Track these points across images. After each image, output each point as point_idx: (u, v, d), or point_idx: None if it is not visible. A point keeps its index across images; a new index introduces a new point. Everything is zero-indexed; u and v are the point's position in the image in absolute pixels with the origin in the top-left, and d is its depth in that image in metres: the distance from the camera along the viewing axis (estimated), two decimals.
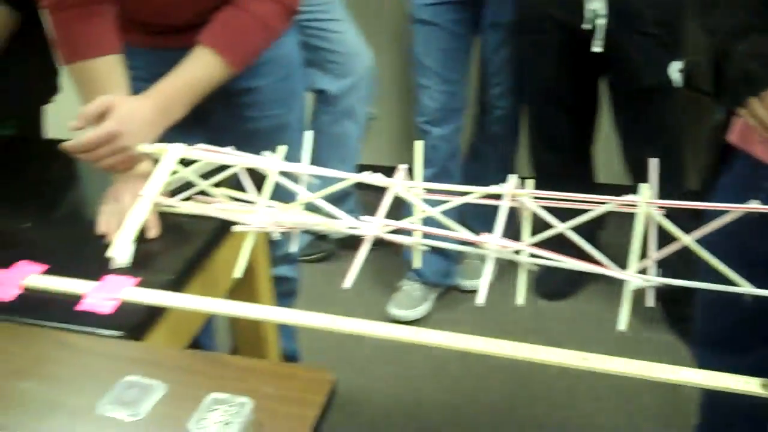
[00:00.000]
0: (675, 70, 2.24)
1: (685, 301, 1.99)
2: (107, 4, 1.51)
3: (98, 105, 1.37)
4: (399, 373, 2.47)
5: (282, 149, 1.35)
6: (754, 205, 1.10)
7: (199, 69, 1.49)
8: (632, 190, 2.34)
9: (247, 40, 1.54)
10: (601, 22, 2.21)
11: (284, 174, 1.32)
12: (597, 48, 2.24)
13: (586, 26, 2.23)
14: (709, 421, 1.82)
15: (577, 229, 1.16)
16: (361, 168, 2.83)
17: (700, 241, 1.13)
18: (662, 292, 1.15)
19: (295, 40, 1.83)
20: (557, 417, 2.29)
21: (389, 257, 2.80)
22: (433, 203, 1.24)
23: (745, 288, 1.12)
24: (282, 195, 1.33)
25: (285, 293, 2.04)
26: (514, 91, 2.61)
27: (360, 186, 1.34)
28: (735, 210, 1.11)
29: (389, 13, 3.06)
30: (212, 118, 1.72)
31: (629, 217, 1.16)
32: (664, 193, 2.46)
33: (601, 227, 2.66)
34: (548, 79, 2.45)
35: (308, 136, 1.36)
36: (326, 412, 1.03)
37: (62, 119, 2.07)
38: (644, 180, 2.46)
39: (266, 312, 1.22)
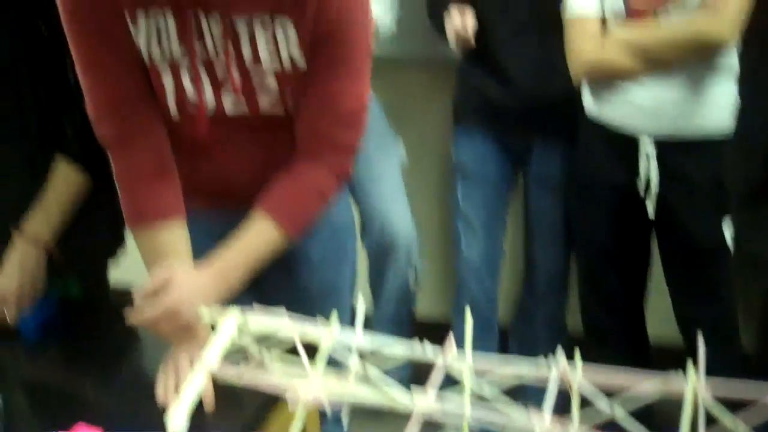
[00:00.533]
0: (728, 232, 2.25)
1: None
2: (173, 173, 1.58)
3: (158, 281, 1.43)
4: None
5: (335, 316, 1.37)
6: None
7: (258, 238, 1.53)
8: (684, 353, 2.32)
9: (303, 209, 1.58)
10: (655, 185, 2.25)
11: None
12: (650, 209, 2.27)
13: (640, 189, 2.27)
14: None
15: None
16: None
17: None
18: None
19: (348, 204, 1.88)
20: None
21: None
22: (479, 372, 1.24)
23: None
24: (334, 363, 1.35)
25: None
26: (563, 247, 2.64)
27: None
28: None
29: (434, 162, 3.12)
30: (263, 278, 1.74)
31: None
32: (717, 357, 2.43)
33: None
34: (601, 238, 2.47)
35: (361, 305, 1.39)
36: None
37: (127, 268, 2.14)
38: (695, 342, 2.40)
39: None
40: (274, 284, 1.79)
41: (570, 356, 0.96)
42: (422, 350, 1.28)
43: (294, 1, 1.43)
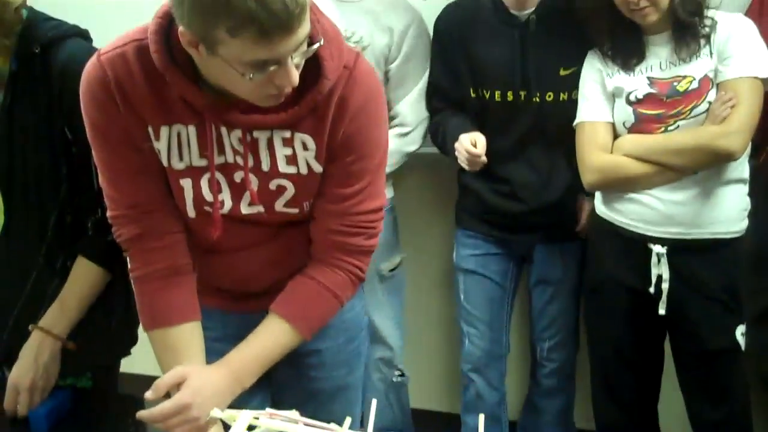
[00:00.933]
0: (740, 334, 2.25)
1: None
2: (189, 275, 1.60)
3: (172, 377, 1.43)
4: None
5: (348, 421, 1.37)
6: None
7: (272, 339, 1.55)
8: None
9: (317, 311, 1.60)
10: (666, 286, 2.25)
11: None
12: (662, 311, 2.27)
13: (652, 290, 2.27)
14: None
15: None
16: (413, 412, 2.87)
17: None
18: None
19: (361, 303, 1.88)
20: None
21: None
22: None
23: None
24: None
25: None
26: (568, 344, 2.66)
27: None
28: None
29: (438, 262, 3.13)
30: (275, 376, 1.76)
31: None
32: None
33: None
34: (615, 338, 2.46)
35: (374, 405, 1.39)
36: None
37: (138, 365, 2.14)
38: None
39: None
40: (287, 383, 1.80)
41: None
42: None
43: (314, 117, 1.46)
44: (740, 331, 2.25)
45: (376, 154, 1.55)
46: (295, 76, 1.32)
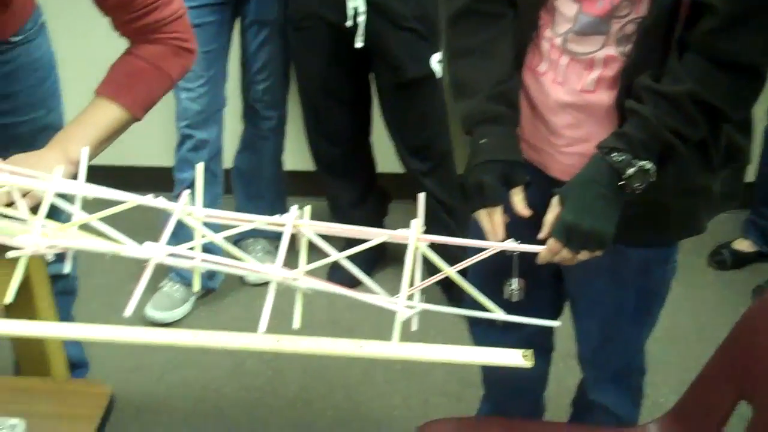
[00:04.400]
0: (435, 62, 2.35)
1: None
2: None
3: None
4: (198, 376, 2.46)
5: (59, 170, 1.32)
6: (509, 244, 1.27)
7: (97, 115, 1.50)
8: (410, 180, 2.43)
9: (141, 85, 1.55)
10: (362, 18, 2.29)
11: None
12: (359, 43, 2.33)
13: (348, 23, 2.30)
14: (491, 393, 1.93)
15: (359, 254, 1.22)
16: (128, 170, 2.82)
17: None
18: (443, 280, 1.25)
19: (47, 41, 1.79)
20: (354, 401, 2.36)
21: None
22: (216, 226, 1.26)
23: (498, 315, 1.24)
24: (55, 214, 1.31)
25: (62, 292, 1.97)
26: (281, 85, 2.68)
27: None
28: (494, 248, 1.26)
29: None
30: None
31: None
32: (437, 178, 2.57)
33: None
34: (320, 74, 2.51)
35: (84, 152, 1.35)
36: (104, 425, 1.03)
37: None
38: (412, 168, 2.56)
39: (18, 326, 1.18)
40: None
41: None
42: (156, 201, 1.27)
43: None
44: (436, 59, 2.36)
45: None
46: None
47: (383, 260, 2.83)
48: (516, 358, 1.14)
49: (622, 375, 1.70)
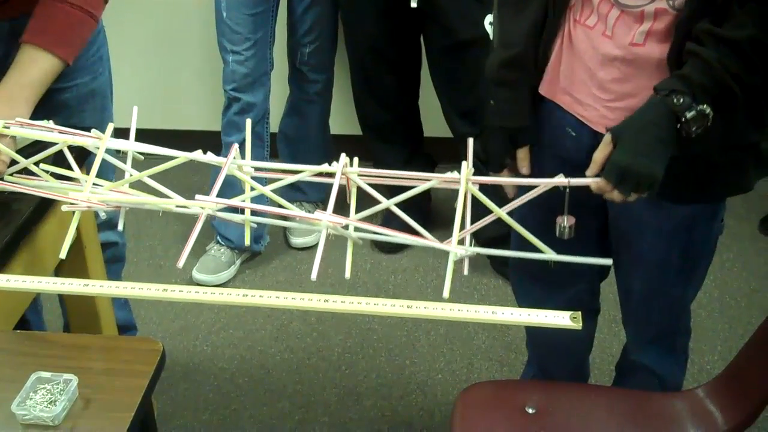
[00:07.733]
0: (488, 24, 2.32)
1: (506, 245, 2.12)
2: None
3: None
4: (243, 337, 2.48)
5: (110, 127, 1.33)
6: (560, 180, 1.23)
7: (30, 65, 1.49)
8: (455, 145, 2.42)
9: (71, 32, 1.54)
10: None
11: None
12: (414, 3, 2.30)
13: None
14: (535, 356, 1.92)
15: (406, 202, 1.22)
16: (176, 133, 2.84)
17: (515, 211, 1.24)
18: (484, 239, 1.23)
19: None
20: (397, 365, 2.36)
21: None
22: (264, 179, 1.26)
23: (549, 255, 1.23)
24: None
25: (112, 259, 2.00)
26: (327, 49, 2.66)
27: None
28: (544, 184, 1.22)
29: None
30: None
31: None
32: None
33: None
34: (371, 34, 2.49)
35: (134, 112, 1.36)
36: (155, 381, 1.04)
37: None
38: (461, 132, 2.53)
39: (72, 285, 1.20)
40: None
41: None
42: (206, 157, 1.28)
43: None
44: (488, 20, 2.33)
45: None
46: None
47: (428, 223, 2.83)
48: (564, 319, 1.13)
49: (666, 334, 1.68)
